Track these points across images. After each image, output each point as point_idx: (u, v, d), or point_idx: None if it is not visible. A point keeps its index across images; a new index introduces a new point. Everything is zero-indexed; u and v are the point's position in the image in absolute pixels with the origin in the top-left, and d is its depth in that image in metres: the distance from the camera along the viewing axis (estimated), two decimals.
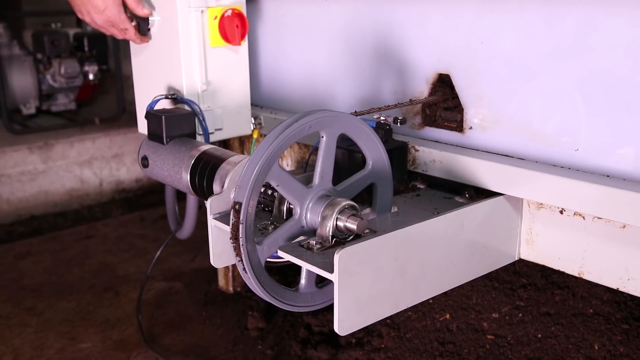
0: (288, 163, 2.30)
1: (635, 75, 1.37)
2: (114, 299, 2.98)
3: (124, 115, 4.79)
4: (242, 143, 2.59)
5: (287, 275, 2.91)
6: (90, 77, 4.79)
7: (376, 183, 1.54)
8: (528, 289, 2.71)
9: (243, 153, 2.58)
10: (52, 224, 4.05)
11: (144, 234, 3.77)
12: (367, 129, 1.49)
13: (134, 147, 4.57)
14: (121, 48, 4.76)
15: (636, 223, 1.35)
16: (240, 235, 1.33)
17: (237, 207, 1.33)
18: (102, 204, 4.42)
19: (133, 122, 4.68)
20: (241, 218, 1.33)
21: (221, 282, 3.02)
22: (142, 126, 2.16)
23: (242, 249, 1.34)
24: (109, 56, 4.90)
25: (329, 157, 1.44)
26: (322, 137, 1.43)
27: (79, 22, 5.06)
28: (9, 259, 3.45)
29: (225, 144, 2.58)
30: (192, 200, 2.32)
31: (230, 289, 2.98)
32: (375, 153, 1.52)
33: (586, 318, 2.48)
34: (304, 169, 1.98)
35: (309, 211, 1.43)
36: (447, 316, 2.57)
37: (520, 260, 1.72)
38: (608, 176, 1.44)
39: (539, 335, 2.42)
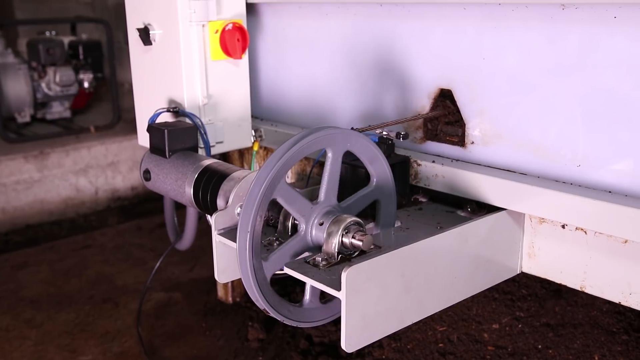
0: (288, 175, 2.31)
1: (636, 92, 1.39)
2: (113, 310, 2.98)
3: (119, 123, 4.78)
4: (241, 155, 2.60)
5: (286, 285, 2.92)
6: (85, 85, 4.79)
7: (380, 199, 1.56)
8: (528, 300, 2.72)
9: (243, 165, 2.59)
10: (48, 233, 4.04)
11: (142, 243, 3.76)
12: (371, 145, 1.50)
13: (129, 155, 4.57)
14: (116, 56, 4.75)
15: (637, 239, 1.37)
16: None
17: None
18: (97, 212, 4.41)
19: (128, 130, 4.69)
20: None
21: (220, 292, 3.02)
22: (143, 138, 2.17)
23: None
24: (104, 64, 4.90)
25: (334, 174, 1.45)
26: (328, 154, 1.44)
27: (74, 30, 5.06)
28: (6, 269, 3.44)
29: (224, 156, 2.59)
30: (192, 211, 2.32)
31: (230, 299, 2.98)
32: (379, 168, 1.53)
33: (586, 329, 2.50)
34: (306, 183, 1.99)
35: (314, 228, 1.44)
36: (445, 328, 2.58)
37: (521, 273, 1.73)
38: (610, 192, 1.46)
39: (539, 346, 2.43)
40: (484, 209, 1.68)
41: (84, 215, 4.36)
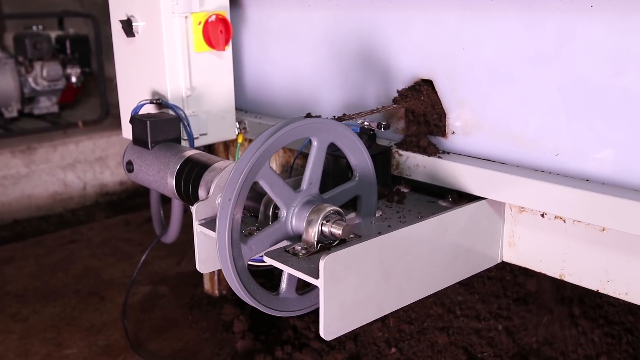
0: (273, 167, 2.31)
1: (613, 80, 1.40)
2: (99, 304, 2.97)
3: (107, 118, 4.77)
4: (226, 147, 2.60)
5: (272, 278, 2.92)
6: (73, 79, 4.77)
7: (361, 190, 1.56)
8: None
9: (228, 157, 2.59)
10: (36, 228, 4.03)
11: (129, 237, 3.76)
12: (351, 135, 1.50)
13: (117, 150, 4.55)
14: (104, 50, 4.74)
15: (615, 226, 1.38)
16: None
17: None
18: (86, 207, 4.40)
19: (117, 124, 4.67)
20: None
21: (207, 285, 3.02)
22: (127, 131, 2.16)
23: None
24: (91, 58, 4.88)
25: (318, 164, 1.46)
26: (314, 143, 1.44)
27: (61, 25, 5.04)
28: None
29: (210, 148, 2.59)
30: (177, 204, 2.32)
31: (216, 292, 2.98)
32: (359, 158, 1.53)
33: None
34: (289, 174, 1.99)
35: (294, 216, 1.44)
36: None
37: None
38: (588, 180, 1.47)
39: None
40: (465, 199, 1.69)
41: (72, 210, 4.34)
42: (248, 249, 1.40)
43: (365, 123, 1.74)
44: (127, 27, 2.04)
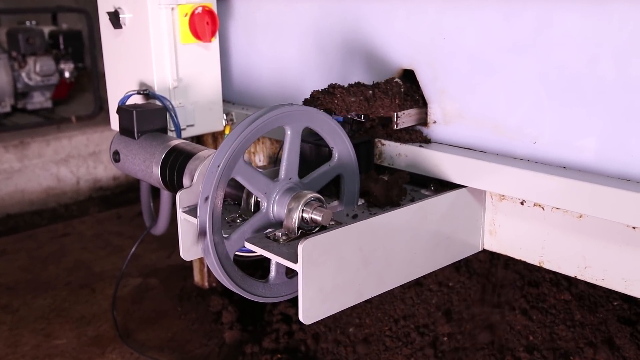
0: (260, 159, 2.33)
1: (590, 68, 1.42)
2: (89, 296, 2.99)
3: (100, 113, 4.78)
4: (215, 139, 2.61)
5: (261, 268, 2.93)
6: (66, 75, 4.78)
7: (343, 176, 1.58)
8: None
9: (215, 149, 2.60)
10: (29, 223, 4.04)
11: (121, 231, 3.77)
12: (333, 123, 1.52)
13: None
14: (97, 46, 4.74)
15: (592, 213, 1.40)
16: None
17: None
18: (79, 202, 4.41)
19: (110, 120, 4.69)
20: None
21: (197, 277, 3.04)
22: (115, 123, 2.18)
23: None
24: (85, 54, 4.89)
25: (294, 151, 1.47)
26: (287, 132, 1.46)
27: (55, 20, 5.05)
28: None
29: (198, 140, 2.60)
30: (166, 196, 2.33)
31: (206, 284, 3.00)
32: (341, 147, 1.55)
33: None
34: (274, 164, 2.01)
35: (275, 204, 1.46)
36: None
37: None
38: (565, 168, 1.49)
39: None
40: (447, 187, 1.70)
41: (65, 205, 4.35)
42: (232, 243, 1.42)
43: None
44: (115, 18, 2.05)
